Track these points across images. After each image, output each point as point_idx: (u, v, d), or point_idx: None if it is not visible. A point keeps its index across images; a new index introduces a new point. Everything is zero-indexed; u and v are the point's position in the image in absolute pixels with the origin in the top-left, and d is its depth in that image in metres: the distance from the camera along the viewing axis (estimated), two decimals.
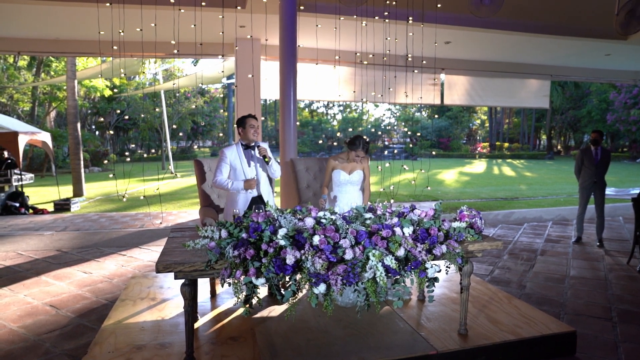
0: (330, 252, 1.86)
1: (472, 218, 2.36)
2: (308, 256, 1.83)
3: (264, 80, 6.24)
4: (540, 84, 8.54)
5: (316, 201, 3.78)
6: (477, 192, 9.78)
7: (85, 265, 4.11)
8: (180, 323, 2.52)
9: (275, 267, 1.81)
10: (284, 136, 4.97)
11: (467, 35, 6.20)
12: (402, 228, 2.06)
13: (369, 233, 2.02)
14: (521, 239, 5.23)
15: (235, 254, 1.87)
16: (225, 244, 1.96)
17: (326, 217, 2.08)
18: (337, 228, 2.01)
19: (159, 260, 1.96)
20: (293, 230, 1.94)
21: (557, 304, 3.09)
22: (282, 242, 1.87)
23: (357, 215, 2.23)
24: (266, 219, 2.05)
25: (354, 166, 3.33)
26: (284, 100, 4.95)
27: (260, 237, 1.94)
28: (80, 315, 2.89)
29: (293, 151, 4.99)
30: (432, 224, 2.15)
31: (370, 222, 2.12)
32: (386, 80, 6.62)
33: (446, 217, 2.39)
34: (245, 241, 1.92)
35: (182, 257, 2.02)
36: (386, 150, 6.84)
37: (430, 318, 2.55)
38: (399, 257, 1.95)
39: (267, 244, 1.89)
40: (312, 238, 1.92)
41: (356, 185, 3.36)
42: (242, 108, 5.96)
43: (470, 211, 2.39)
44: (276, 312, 2.64)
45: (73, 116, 8.90)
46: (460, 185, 11.59)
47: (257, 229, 1.97)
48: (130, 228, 5.60)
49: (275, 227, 1.99)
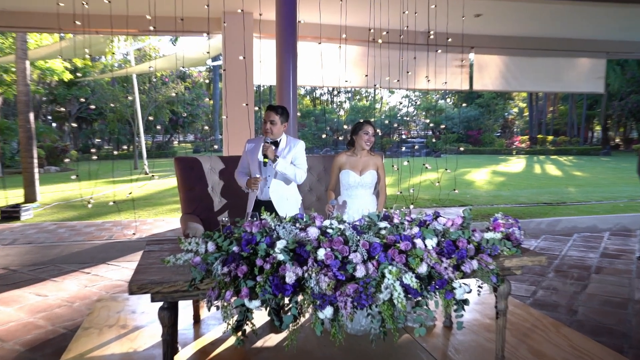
0: (338, 269, 1.87)
1: (509, 227, 2.36)
2: (312, 273, 1.85)
3: (257, 62, 6.28)
4: (593, 63, 8.49)
5: (320, 207, 3.80)
6: (515, 196, 9.76)
7: (40, 286, 4.11)
8: (156, 356, 2.54)
9: (273, 286, 1.82)
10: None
11: (502, 6, 6.19)
12: (424, 239, 2.07)
13: (385, 246, 2.03)
14: (570, 253, 5.21)
15: (224, 271, 1.89)
16: (212, 259, 1.98)
17: (333, 227, 2.10)
18: (346, 240, 2.02)
19: (132, 279, 1.98)
20: (294, 242, 1.96)
21: (618, 334, 3.05)
22: (281, 256, 1.89)
23: (370, 224, 2.24)
24: (261, 230, 2.07)
25: (366, 165, 3.35)
26: (281, 87, 4.97)
27: (254, 251, 1.96)
28: (32, 349, 2.83)
29: None
30: (460, 235, 2.16)
31: (386, 233, 2.13)
32: (404, 62, 6.64)
33: (477, 226, 2.40)
34: (236, 256, 1.94)
35: (160, 275, 2.04)
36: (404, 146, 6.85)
37: (459, 349, 2.56)
38: (420, 274, 1.96)
39: (263, 259, 1.90)
40: (316, 252, 1.93)
41: (369, 188, 3.38)
42: (231, 95, 5.99)
43: (506, 219, 2.39)
44: (274, 342, 2.65)
45: (24, 104, 8.76)
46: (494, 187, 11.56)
47: (250, 241, 1.99)
48: (96, 240, 5.64)
49: (272, 239, 2.01)
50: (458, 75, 7.66)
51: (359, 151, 3.36)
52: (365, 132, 3.26)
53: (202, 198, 3.82)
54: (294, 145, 3.29)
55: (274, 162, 3.09)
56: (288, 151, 3.26)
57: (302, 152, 3.34)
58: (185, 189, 3.82)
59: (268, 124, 3.15)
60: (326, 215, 3.05)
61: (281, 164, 3.11)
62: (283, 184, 3.25)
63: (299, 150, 3.30)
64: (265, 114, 3.20)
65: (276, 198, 3.20)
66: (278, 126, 3.18)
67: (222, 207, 3.90)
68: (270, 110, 3.18)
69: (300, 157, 3.32)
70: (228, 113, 6.10)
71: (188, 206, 3.76)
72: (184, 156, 3.94)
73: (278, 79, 5.00)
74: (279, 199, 3.20)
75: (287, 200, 3.26)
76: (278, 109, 3.19)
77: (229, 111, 6.10)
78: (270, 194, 3.21)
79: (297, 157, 3.30)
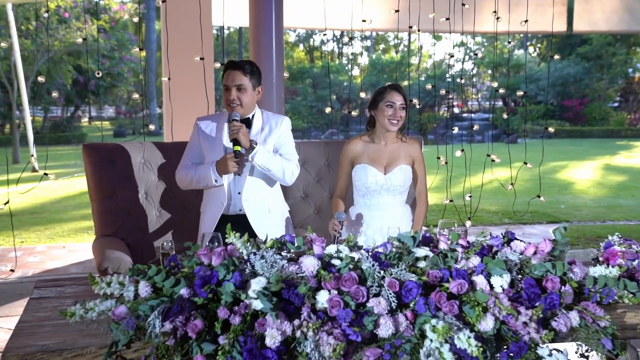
0: (350, 324, 1.88)
1: (633, 259, 2.37)
2: (308, 331, 1.86)
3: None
4: None
5: (322, 224, 3.81)
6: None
7: None
8: None
9: (245, 353, 1.83)
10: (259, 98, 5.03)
11: None
12: (489, 277, 2.08)
13: (425, 286, 2.04)
14: None
15: (166, 328, 1.90)
16: (147, 310, 1.99)
17: (342, 256, 2.11)
18: (362, 277, 2.03)
19: (8, 347, 1.98)
20: (278, 281, 1.97)
21: None
22: (258, 304, 1.90)
23: (400, 251, 2.25)
24: (227, 261, 2.09)
25: (394, 156, 3.37)
26: (257, 29, 4.99)
27: (215, 296, 1.97)
28: None
29: None
30: (549, 270, 2.17)
31: (427, 266, 2.14)
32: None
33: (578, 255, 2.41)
34: (186, 303, 1.95)
35: (58, 339, 2.04)
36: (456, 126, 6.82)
37: None
38: (483, 333, 1.97)
39: (229, 309, 1.91)
40: (314, 296, 1.94)
41: (399, 193, 3.40)
42: (176, 44, 6.01)
43: (627, 245, 2.40)
44: None
45: None
46: (607, 192, 11.54)
47: (209, 280, 2.00)
48: None
49: (244, 276, 2.02)
50: (548, 10, 7.62)
51: (382, 135, 3.38)
52: (389, 104, 3.28)
53: (129, 211, 3.84)
54: (277, 125, 3.33)
55: (248, 151, 3.10)
56: (268, 134, 3.30)
57: (288, 134, 3.38)
58: (101, 196, 3.83)
59: (233, 91, 3.18)
60: (331, 237, 3.07)
61: (261, 154, 3.13)
62: (262, 187, 3.28)
63: (283, 131, 3.34)
64: (226, 75, 3.22)
65: (252, 209, 3.23)
66: (249, 94, 3.22)
67: (163, 226, 3.92)
68: (235, 69, 3.20)
69: (288, 142, 3.35)
70: (171, 72, 6.12)
71: (106, 224, 3.78)
72: (99, 143, 3.96)
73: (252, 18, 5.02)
74: (255, 211, 3.24)
75: (269, 213, 3.30)
76: (245, 66, 3.22)
77: (172, 70, 6.12)
78: (244, 203, 3.24)
79: (282, 143, 3.33)
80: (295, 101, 28.00)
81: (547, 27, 7.63)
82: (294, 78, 29.74)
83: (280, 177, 3.23)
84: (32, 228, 8.36)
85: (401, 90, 3.32)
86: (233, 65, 3.21)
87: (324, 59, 34.14)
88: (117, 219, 3.77)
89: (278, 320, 1.87)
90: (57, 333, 2.09)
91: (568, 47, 30.69)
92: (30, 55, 19.04)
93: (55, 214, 9.68)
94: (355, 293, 1.95)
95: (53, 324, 2.17)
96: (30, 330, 2.13)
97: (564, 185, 12.52)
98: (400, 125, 3.34)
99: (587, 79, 30.14)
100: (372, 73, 30.50)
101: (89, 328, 2.10)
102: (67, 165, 16.87)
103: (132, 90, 27.00)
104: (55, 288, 2.63)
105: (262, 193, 3.29)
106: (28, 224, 8.66)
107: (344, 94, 27.85)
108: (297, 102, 28.01)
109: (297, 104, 27.74)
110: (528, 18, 7.22)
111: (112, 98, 30.55)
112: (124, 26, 26.96)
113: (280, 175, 3.21)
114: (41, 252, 6.86)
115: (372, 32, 32.03)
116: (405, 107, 3.31)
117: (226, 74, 3.22)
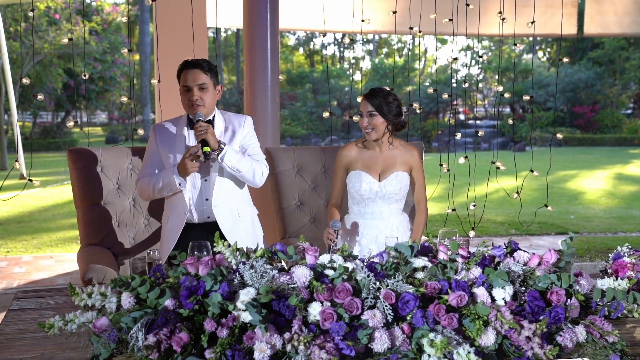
0: (343, 338, 1.88)
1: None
2: (298, 345, 1.85)
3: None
4: None
5: (318, 234, 3.81)
6: None
7: None
8: None
9: None
10: (253, 103, 5.05)
11: None
12: (491, 289, 2.08)
13: (423, 299, 2.04)
14: None
15: (150, 341, 1.89)
16: (129, 322, 1.98)
17: (335, 266, 2.11)
18: (356, 288, 2.02)
19: None
20: (268, 292, 1.97)
21: None
22: (247, 316, 1.90)
23: (397, 262, 2.25)
24: (214, 270, 2.08)
25: (390, 162, 3.37)
26: (251, 31, 5.00)
27: (201, 307, 1.97)
28: None
29: (271, 134, 5.06)
30: (554, 282, 2.17)
31: (425, 277, 2.14)
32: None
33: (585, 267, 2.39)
34: (171, 315, 1.95)
35: (36, 351, 2.04)
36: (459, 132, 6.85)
37: None
38: (484, 348, 1.96)
39: (217, 321, 1.91)
40: (306, 308, 1.94)
41: (395, 201, 3.40)
42: (167, 46, 6.01)
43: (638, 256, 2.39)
44: None
45: None
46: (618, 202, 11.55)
47: (195, 291, 1.99)
48: None
49: (232, 287, 2.02)
50: (557, 11, 7.60)
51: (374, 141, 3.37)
52: (360, 113, 3.33)
53: (116, 219, 3.83)
54: (240, 125, 3.36)
55: (217, 152, 3.10)
56: (232, 135, 3.32)
57: (253, 133, 3.43)
58: (87, 204, 3.82)
59: (195, 90, 3.17)
60: (325, 247, 3.06)
61: (230, 155, 3.15)
62: (231, 191, 3.30)
63: (248, 131, 3.38)
64: (183, 75, 3.22)
65: (222, 215, 3.23)
66: (210, 93, 3.24)
67: (152, 235, 3.91)
68: (194, 68, 3.20)
69: (254, 142, 3.41)
70: (162, 75, 6.12)
71: (91, 233, 3.77)
72: (85, 147, 3.94)
73: (246, 18, 5.02)
74: (226, 217, 3.24)
75: (239, 218, 3.32)
76: (204, 64, 3.23)
77: (163, 72, 6.12)
78: (213, 209, 3.23)
79: (248, 144, 3.38)
80: (295, 107, 28.04)
81: (556, 30, 7.59)
82: (293, 83, 29.88)
83: (250, 179, 3.24)
84: (18, 237, 8.36)
85: (370, 97, 3.32)
86: (191, 64, 3.21)
87: (324, 63, 34.27)
88: (103, 227, 3.77)
89: (267, 333, 1.87)
90: (35, 346, 2.09)
91: (579, 52, 30.78)
92: (18, 58, 19.10)
93: (43, 222, 9.69)
94: (349, 305, 1.95)
95: (31, 337, 2.17)
96: (6, 343, 2.13)
97: (574, 195, 12.53)
98: (379, 133, 3.34)
99: (598, 84, 30.17)
100: (374, 78, 30.56)
101: (68, 341, 2.10)
102: (56, 172, 16.85)
103: (126, 94, 27.09)
104: (36, 299, 2.64)
105: (232, 197, 3.30)
106: (14, 233, 8.67)
107: (345, 99, 27.88)
108: (297, 107, 28.02)
109: (296, 110, 27.75)
110: (536, 20, 7.20)
111: (104, 103, 30.62)
112: (117, 28, 27.04)
113: (250, 177, 3.22)
114: (27, 262, 6.86)
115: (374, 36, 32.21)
116: (379, 112, 3.29)
117: (184, 73, 3.21)
